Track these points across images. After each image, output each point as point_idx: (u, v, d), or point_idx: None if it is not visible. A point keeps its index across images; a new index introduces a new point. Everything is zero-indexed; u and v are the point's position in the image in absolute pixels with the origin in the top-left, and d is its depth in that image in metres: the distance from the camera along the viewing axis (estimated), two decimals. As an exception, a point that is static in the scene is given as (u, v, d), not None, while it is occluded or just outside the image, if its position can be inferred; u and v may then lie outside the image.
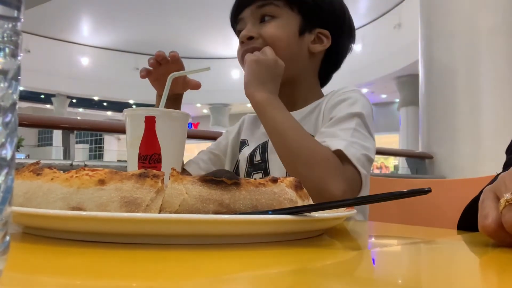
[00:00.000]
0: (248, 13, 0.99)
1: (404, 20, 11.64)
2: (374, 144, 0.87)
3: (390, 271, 0.37)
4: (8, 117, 0.24)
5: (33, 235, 0.44)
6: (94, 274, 0.31)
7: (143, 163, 0.65)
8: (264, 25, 0.98)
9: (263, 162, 0.98)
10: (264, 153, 0.98)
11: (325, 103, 0.95)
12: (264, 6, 0.98)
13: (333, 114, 0.89)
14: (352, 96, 0.92)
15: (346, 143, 0.80)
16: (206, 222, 0.39)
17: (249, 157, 1.01)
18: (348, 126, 0.84)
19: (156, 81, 0.95)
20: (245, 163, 1.01)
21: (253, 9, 0.98)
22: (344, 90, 0.95)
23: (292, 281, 0.31)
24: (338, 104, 0.91)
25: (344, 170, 0.78)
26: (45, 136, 21.90)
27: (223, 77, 16.58)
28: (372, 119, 0.91)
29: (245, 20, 1.00)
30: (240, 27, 1.01)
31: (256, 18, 0.99)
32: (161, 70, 0.93)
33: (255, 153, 1.00)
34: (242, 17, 1.01)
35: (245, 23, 1.00)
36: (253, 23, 0.98)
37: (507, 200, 0.43)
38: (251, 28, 0.98)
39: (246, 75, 0.89)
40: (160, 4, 13.33)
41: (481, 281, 0.35)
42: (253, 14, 0.99)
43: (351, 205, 0.51)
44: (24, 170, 0.47)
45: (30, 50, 14.01)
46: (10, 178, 0.24)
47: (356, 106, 0.88)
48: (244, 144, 1.06)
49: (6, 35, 0.24)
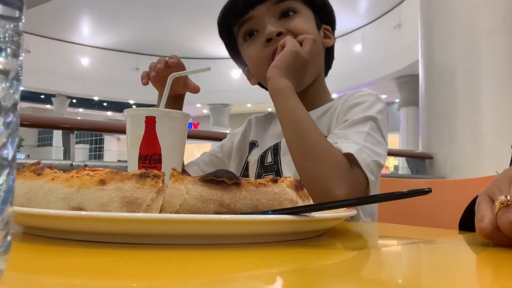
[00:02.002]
0: (261, 11, 0.95)
1: (404, 20, 11.64)
2: (386, 149, 0.86)
3: (390, 271, 0.37)
4: (10, 117, 0.24)
5: (34, 235, 0.44)
6: (94, 274, 0.31)
7: (144, 163, 0.65)
8: (290, 20, 0.94)
9: (275, 164, 0.96)
10: (276, 155, 0.96)
11: (340, 104, 0.94)
12: (283, 1, 0.95)
13: (348, 117, 0.88)
14: (368, 100, 0.91)
15: (358, 147, 0.78)
16: (206, 222, 0.39)
17: (259, 158, 0.98)
18: (362, 130, 0.83)
19: (158, 82, 0.94)
20: (256, 165, 0.99)
21: (269, 6, 0.94)
22: (361, 93, 0.94)
23: (292, 281, 0.31)
24: (353, 106, 0.90)
25: (352, 174, 0.77)
26: (45, 136, 21.89)
27: (223, 77, 16.57)
28: (387, 123, 0.90)
29: (257, 19, 0.95)
30: (251, 26, 0.97)
31: (274, 15, 0.95)
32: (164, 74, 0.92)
33: (266, 154, 0.98)
34: (251, 16, 0.96)
35: (257, 21, 0.95)
36: (274, 20, 0.94)
37: (502, 202, 0.43)
38: (276, 24, 0.93)
39: (280, 60, 0.85)
40: (160, 4, 13.32)
41: (481, 281, 0.35)
42: (269, 11, 0.95)
43: (351, 205, 0.51)
44: (24, 170, 0.47)
45: (30, 50, 14.00)
46: (12, 178, 0.24)
47: (372, 110, 0.87)
48: (254, 145, 1.05)
49: (7, 35, 0.24)
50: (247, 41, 0.99)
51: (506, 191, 0.45)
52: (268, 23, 0.94)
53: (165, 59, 0.91)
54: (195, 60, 16.36)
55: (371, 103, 0.90)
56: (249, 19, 0.96)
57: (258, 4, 0.94)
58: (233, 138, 1.12)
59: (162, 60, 0.91)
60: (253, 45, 0.97)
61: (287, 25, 0.94)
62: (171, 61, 0.89)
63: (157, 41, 15.80)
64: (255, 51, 0.97)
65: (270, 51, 0.93)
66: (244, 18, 0.97)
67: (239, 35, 1.01)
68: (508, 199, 0.43)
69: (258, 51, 0.96)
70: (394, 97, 14.14)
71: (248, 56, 1.00)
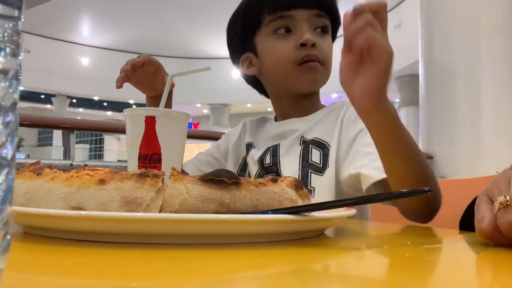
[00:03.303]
0: (303, 15, 0.96)
1: (404, 20, 11.64)
2: None
3: (390, 271, 0.37)
4: (9, 116, 0.24)
5: (34, 235, 0.44)
6: (94, 274, 0.31)
7: (143, 163, 0.65)
8: (322, 38, 0.97)
9: (274, 165, 0.97)
10: (275, 156, 0.98)
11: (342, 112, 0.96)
12: (321, 17, 0.97)
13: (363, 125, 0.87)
14: None
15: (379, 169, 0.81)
16: (206, 222, 0.39)
17: (259, 160, 1.00)
18: None
19: (138, 84, 0.96)
20: (257, 166, 1.00)
21: (311, 15, 0.96)
22: None
23: (292, 281, 0.31)
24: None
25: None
26: (45, 136, 21.91)
27: (223, 77, 16.56)
28: None
29: (296, 20, 0.96)
30: (288, 24, 0.96)
31: (312, 26, 0.96)
32: (138, 74, 0.93)
33: (265, 156, 0.99)
34: (292, 15, 0.96)
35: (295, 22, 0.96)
36: (310, 30, 0.96)
37: (501, 202, 0.43)
38: (313, 34, 0.95)
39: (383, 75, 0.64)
40: (160, 4, 13.32)
41: (481, 281, 0.35)
42: (310, 20, 0.96)
43: (351, 205, 0.51)
44: (24, 170, 0.47)
45: (30, 50, 14.00)
46: (11, 177, 0.24)
47: None
48: (251, 146, 1.06)
49: (6, 35, 0.24)
50: (275, 35, 0.98)
51: (505, 192, 0.45)
52: (306, 29, 0.95)
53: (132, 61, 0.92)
54: (195, 60, 16.37)
55: None
56: (288, 16, 0.96)
57: (303, 8, 0.96)
58: (228, 139, 1.12)
59: (130, 62, 0.92)
60: (284, 42, 0.96)
61: (319, 40, 0.96)
62: (137, 60, 0.91)
63: (157, 41, 15.80)
64: (284, 49, 0.96)
65: (301, 56, 0.94)
66: (285, 14, 0.96)
67: (268, 26, 0.98)
68: (507, 199, 0.43)
69: (288, 50, 0.95)
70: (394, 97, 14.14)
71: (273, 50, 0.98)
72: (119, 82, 0.93)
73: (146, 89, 0.99)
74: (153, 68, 0.94)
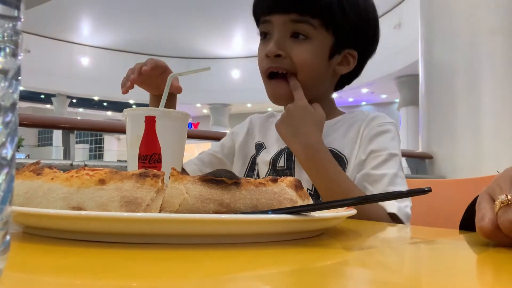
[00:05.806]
0: (279, 21, 0.92)
1: (404, 20, 11.64)
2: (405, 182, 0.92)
3: (390, 271, 0.37)
4: (9, 116, 0.24)
5: (34, 235, 0.44)
6: (94, 274, 0.31)
7: (143, 163, 0.65)
8: (297, 44, 0.91)
9: (288, 169, 0.95)
10: (290, 160, 0.95)
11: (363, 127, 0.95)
12: (299, 23, 0.91)
13: (373, 147, 0.91)
14: (391, 129, 0.96)
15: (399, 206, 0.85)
16: (206, 222, 0.39)
17: (271, 162, 0.97)
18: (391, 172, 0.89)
19: (143, 84, 0.94)
20: (267, 168, 0.97)
21: (286, 21, 0.91)
22: (383, 119, 0.97)
23: (292, 281, 0.31)
24: (378, 135, 0.94)
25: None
26: (45, 136, 21.91)
27: (223, 77, 16.57)
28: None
29: (273, 25, 0.93)
30: (267, 28, 0.95)
31: (287, 32, 0.92)
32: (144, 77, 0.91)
33: (278, 158, 0.96)
34: (269, 20, 0.93)
35: (272, 28, 0.93)
36: (283, 36, 0.91)
37: (502, 201, 0.44)
38: (280, 43, 0.91)
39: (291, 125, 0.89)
40: (160, 4, 13.33)
41: (481, 281, 0.35)
42: (285, 26, 0.91)
43: (351, 205, 0.51)
44: (24, 170, 0.47)
45: (30, 50, 14.01)
46: (11, 177, 0.24)
47: (395, 144, 0.94)
48: (261, 147, 1.03)
49: (6, 35, 0.24)
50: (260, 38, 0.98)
51: (506, 191, 0.45)
52: (277, 37, 0.92)
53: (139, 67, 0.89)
54: (195, 60, 16.36)
55: (394, 134, 0.95)
56: (268, 21, 0.94)
57: (278, 14, 0.92)
58: (234, 137, 1.09)
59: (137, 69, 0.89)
60: (261, 48, 0.97)
61: (291, 49, 0.91)
62: (144, 69, 0.88)
63: (157, 41, 15.80)
64: (260, 56, 0.96)
65: (266, 66, 0.93)
66: (266, 19, 0.95)
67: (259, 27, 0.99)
68: (508, 198, 0.43)
69: (260, 58, 0.96)
70: (394, 97, 14.14)
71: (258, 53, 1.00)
72: (124, 88, 0.91)
73: (150, 88, 0.97)
74: (160, 71, 0.92)
